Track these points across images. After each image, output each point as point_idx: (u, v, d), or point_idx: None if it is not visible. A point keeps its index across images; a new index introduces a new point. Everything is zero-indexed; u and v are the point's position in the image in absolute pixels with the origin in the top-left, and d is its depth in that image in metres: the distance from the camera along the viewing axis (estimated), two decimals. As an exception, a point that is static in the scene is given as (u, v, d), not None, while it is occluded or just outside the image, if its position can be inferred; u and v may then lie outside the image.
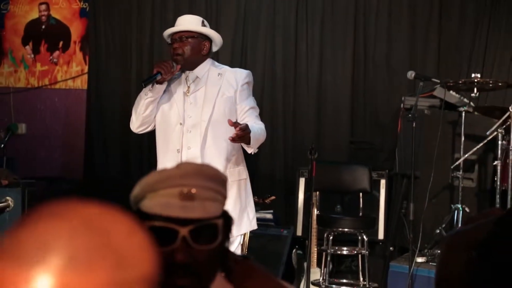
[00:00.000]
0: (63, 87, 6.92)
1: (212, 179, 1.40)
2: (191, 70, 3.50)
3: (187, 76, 3.51)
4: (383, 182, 5.38)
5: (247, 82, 3.53)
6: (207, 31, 3.54)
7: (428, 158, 4.94)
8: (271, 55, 6.22)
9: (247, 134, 3.19)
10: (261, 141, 3.40)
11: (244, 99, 3.49)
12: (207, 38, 3.52)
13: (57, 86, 6.93)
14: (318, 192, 5.03)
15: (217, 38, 3.56)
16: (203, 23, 3.54)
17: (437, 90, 5.24)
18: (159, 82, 3.39)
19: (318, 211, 4.97)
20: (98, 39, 6.67)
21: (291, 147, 6.14)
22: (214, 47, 3.58)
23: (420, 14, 5.96)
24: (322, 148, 5.82)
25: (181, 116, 3.44)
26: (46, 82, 6.94)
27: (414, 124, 4.47)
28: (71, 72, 6.90)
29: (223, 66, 3.61)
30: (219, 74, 3.50)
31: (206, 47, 3.51)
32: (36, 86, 6.96)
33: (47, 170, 6.69)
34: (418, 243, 4.64)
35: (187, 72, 3.51)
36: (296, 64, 6.17)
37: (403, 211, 5.14)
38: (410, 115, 4.50)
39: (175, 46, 3.47)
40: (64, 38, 6.92)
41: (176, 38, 3.48)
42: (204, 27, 3.54)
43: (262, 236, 5.13)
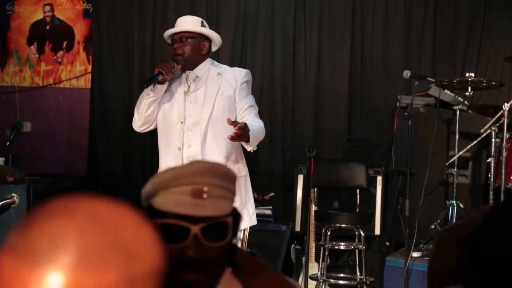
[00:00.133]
0: (67, 86, 6.93)
1: (223, 177, 1.39)
2: (191, 69, 3.50)
3: (188, 76, 3.52)
4: (379, 179, 5.39)
5: (246, 81, 3.54)
6: (207, 31, 3.54)
7: (423, 156, 4.95)
8: (270, 55, 6.23)
9: (245, 133, 3.20)
10: (260, 139, 3.40)
11: (243, 97, 3.49)
12: (206, 38, 3.52)
13: (61, 85, 6.94)
14: (316, 189, 5.04)
15: (216, 38, 3.56)
16: (202, 24, 3.54)
17: (432, 89, 5.25)
18: (160, 82, 3.39)
19: (316, 207, 4.98)
20: (101, 39, 6.68)
21: (290, 145, 6.15)
22: (214, 47, 3.58)
23: (415, 14, 5.97)
24: (320, 145, 5.83)
25: (182, 114, 3.45)
26: (51, 81, 6.95)
27: (410, 122, 4.48)
28: (75, 72, 6.91)
29: (222, 66, 3.61)
30: (218, 73, 3.50)
31: (205, 47, 3.51)
32: (40, 85, 6.97)
33: (52, 167, 6.70)
34: (414, 238, 4.65)
35: (188, 71, 3.51)
36: (294, 64, 6.18)
37: (399, 207, 5.14)
38: (406, 113, 4.50)
39: (176, 47, 3.47)
40: (68, 38, 6.93)
41: (176, 38, 3.48)
42: (203, 28, 3.54)
43: (262, 231, 5.14)
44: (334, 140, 6.05)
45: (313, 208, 4.91)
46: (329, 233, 4.84)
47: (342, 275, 5.13)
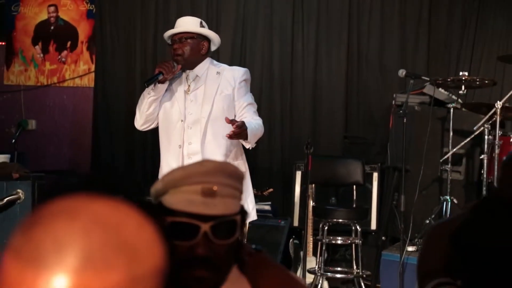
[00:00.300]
0: (71, 85, 6.93)
1: (231, 176, 1.39)
2: (191, 69, 3.50)
3: (188, 75, 3.51)
4: (375, 175, 5.39)
5: (245, 80, 3.53)
6: (205, 31, 3.53)
7: (418, 152, 4.95)
8: (269, 55, 6.23)
9: (243, 131, 3.20)
10: (258, 136, 3.40)
11: (242, 95, 3.48)
12: (205, 38, 3.51)
13: (65, 84, 6.95)
14: (313, 185, 5.04)
15: (215, 38, 3.55)
16: (201, 24, 3.53)
17: (426, 88, 5.25)
18: (161, 82, 3.39)
19: (313, 203, 4.99)
20: (104, 39, 6.68)
21: (288, 142, 6.15)
22: (213, 47, 3.57)
23: (410, 15, 5.98)
24: (318, 143, 5.84)
25: (182, 113, 3.45)
26: (55, 80, 6.95)
27: (405, 120, 4.47)
28: (79, 71, 6.91)
29: (221, 65, 3.60)
30: (217, 72, 3.49)
31: (205, 47, 3.50)
32: (45, 84, 6.97)
33: (56, 164, 6.70)
34: (409, 233, 4.65)
35: (188, 71, 3.50)
36: (292, 63, 6.18)
37: (395, 202, 5.15)
38: (401, 111, 4.50)
39: (175, 47, 3.46)
40: (71, 38, 6.93)
41: (176, 39, 3.47)
42: (202, 28, 3.53)
43: (261, 226, 5.14)
44: (331, 137, 6.05)
45: (311, 203, 4.91)
46: (326, 228, 4.84)
47: (339, 268, 5.14)
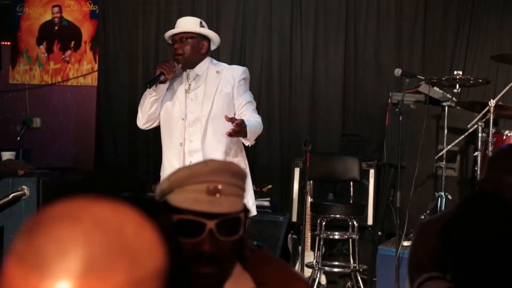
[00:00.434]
0: (75, 84, 6.94)
1: (235, 175, 1.40)
2: (191, 68, 3.51)
3: (188, 74, 3.52)
4: (372, 172, 5.41)
5: (244, 78, 3.54)
6: (205, 31, 3.54)
7: (413, 149, 4.96)
8: (268, 54, 6.23)
9: (243, 129, 3.21)
10: (257, 133, 3.41)
11: (241, 94, 3.49)
12: (205, 38, 3.52)
13: (69, 83, 6.95)
14: (311, 181, 5.06)
15: (214, 37, 3.56)
16: (201, 24, 3.54)
17: (422, 86, 5.26)
18: (162, 82, 3.40)
19: (311, 199, 5.00)
20: (107, 40, 6.68)
21: (287, 140, 6.16)
22: (213, 46, 3.57)
23: (406, 15, 5.98)
24: (316, 140, 5.86)
25: (183, 112, 3.46)
26: (59, 79, 6.96)
27: (401, 118, 4.49)
28: (82, 70, 6.92)
29: (221, 64, 3.61)
30: (217, 71, 3.50)
31: (204, 47, 3.51)
32: (49, 83, 6.98)
33: (60, 161, 6.72)
34: (404, 228, 4.66)
35: (188, 70, 3.51)
36: (291, 63, 6.19)
37: (391, 198, 5.16)
38: (397, 109, 4.51)
39: (176, 47, 3.47)
40: (75, 38, 6.93)
41: (177, 39, 3.48)
42: (202, 28, 3.54)
43: (260, 222, 5.16)
44: (329, 135, 6.06)
45: (309, 199, 4.93)
46: (324, 223, 4.85)
47: (336, 263, 5.15)
